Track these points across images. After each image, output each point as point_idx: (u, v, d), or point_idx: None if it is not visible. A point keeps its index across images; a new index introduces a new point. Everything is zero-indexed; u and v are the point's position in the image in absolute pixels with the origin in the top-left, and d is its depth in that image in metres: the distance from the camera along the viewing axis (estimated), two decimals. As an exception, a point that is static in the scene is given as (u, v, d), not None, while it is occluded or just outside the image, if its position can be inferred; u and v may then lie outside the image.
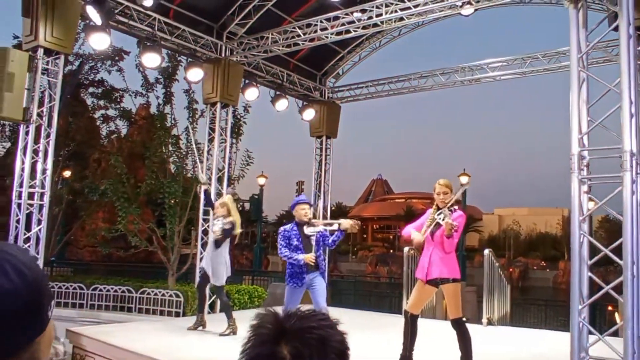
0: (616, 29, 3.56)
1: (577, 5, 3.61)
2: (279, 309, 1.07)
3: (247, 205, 29.57)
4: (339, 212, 64.16)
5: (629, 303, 3.27)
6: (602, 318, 11.45)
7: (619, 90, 3.54)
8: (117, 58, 13.71)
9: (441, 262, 5.08)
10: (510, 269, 44.82)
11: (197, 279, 7.89)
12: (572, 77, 3.65)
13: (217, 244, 7.59)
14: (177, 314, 10.27)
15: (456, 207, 5.08)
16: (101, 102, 14.81)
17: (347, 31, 9.21)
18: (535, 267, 49.44)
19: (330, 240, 6.01)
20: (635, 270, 3.32)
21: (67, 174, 14.54)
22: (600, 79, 3.65)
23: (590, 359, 3.61)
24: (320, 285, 5.96)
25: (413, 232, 5.23)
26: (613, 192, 3.72)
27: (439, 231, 5.00)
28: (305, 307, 1.11)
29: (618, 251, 3.54)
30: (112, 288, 11.00)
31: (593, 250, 3.83)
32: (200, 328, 7.67)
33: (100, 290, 11.02)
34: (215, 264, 7.55)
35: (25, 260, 0.80)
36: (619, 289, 3.52)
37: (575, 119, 3.62)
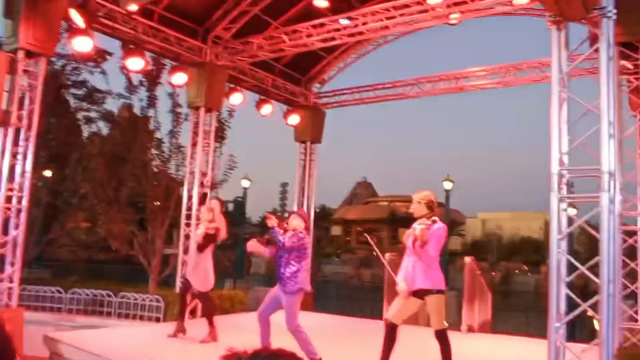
0: (597, 50, 3.62)
1: (559, 26, 3.66)
2: (245, 348, 1.05)
3: (230, 206, 29.47)
4: (323, 214, 64.22)
5: (604, 322, 3.31)
6: (582, 324, 11.59)
7: (598, 112, 3.59)
8: (99, 59, 13.57)
9: (424, 273, 5.09)
10: (493, 273, 45.15)
11: (178, 284, 7.82)
12: (553, 97, 3.69)
13: (200, 248, 7.54)
14: (157, 319, 10.14)
15: (436, 218, 5.12)
16: (83, 104, 14.64)
17: (333, 38, 9.22)
18: (517, 272, 49.86)
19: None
20: (611, 289, 3.37)
21: (47, 173, 14.35)
22: (581, 99, 3.70)
23: (566, 376, 3.66)
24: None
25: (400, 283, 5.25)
26: (594, 208, 3.77)
27: (432, 240, 5.06)
28: (272, 346, 1.09)
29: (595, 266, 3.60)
30: (90, 292, 10.84)
31: (573, 262, 3.89)
32: (181, 335, 7.59)
33: (79, 294, 10.86)
34: (200, 269, 7.50)
35: None
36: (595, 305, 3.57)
37: (555, 138, 3.67)
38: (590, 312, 3.62)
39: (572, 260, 3.70)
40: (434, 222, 5.09)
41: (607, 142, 3.49)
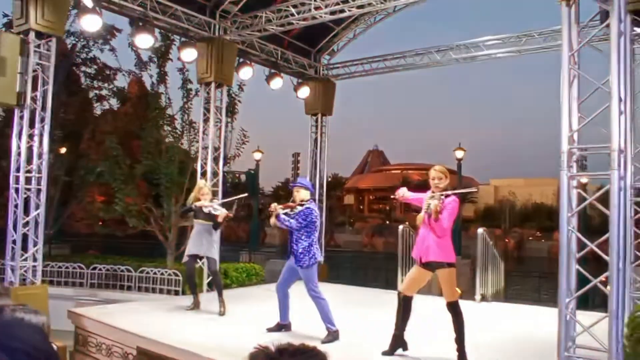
0: (608, 26, 3.58)
1: (569, 3, 3.61)
2: (270, 345, 1.11)
3: (242, 178, 29.64)
4: (335, 183, 64.35)
5: (614, 298, 3.38)
6: (595, 290, 11.68)
7: (608, 89, 3.57)
8: (109, 36, 13.56)
9: (436, 246, 5.18)
10: (506, 239, 45.25)
11: (187, 263, 7.95)
12: (563, 74, 3.68)
13: (218, 228, 7.77)
14: (176, 292, 10.41)
15: (450, 192, 5.16)
16: (94, 83, 14.71)
17: (342, 10, 9.12)
18: (530, 238, 49.88)
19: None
20: (621, 264, 3.43)
21: (62, 150, 14.53)
22: (592, 74, 3.68)
23: (577, 348, 3.75)
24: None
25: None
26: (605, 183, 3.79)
27: (445, 214, 5.13)
28: (296, 342, 1.15)
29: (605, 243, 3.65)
30: (110, 267, 11.13)
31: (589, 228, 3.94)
32: (196, 309, 7.81)
33: (99, 269, 11.15)
34: (209, 246, 7.68)
35: (37, 345, 0.85)
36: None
37: (565, 116, 3.67)
38: (601, 286, 3.69)
39: (582, 238, 3.75)
40: (447, 195, 5.14)
41: (617, 119, 3.49)
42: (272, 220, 6.39)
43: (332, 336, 6.04)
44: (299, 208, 6.30)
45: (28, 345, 0.84)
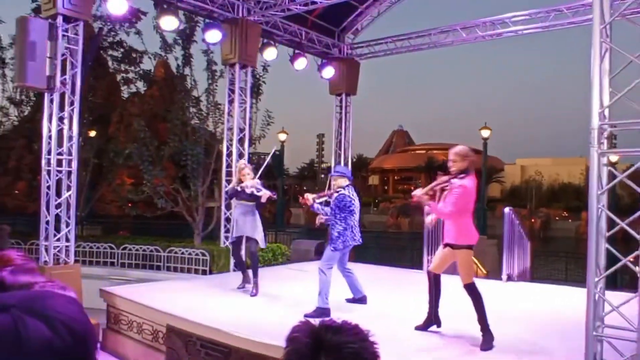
0: (641, -2, 3.47)
1: (601, -26, 3.50)
2: (313, 321, 1.12)
3: (268, 159, 29.79)
4: (360, 163, 64.21)
5: (645, 276, 3.34)
6: (624, 270, 11.48)
7: (642, 63, 3.47)
8: (134, 20, 13.67)
9: (453, 228, 5.22)
10: (532, 220, 44.69)
11: (231, 245, 7.99)
12: (594, 49, 3.58)
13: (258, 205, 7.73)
14: (204, 272, 10.61)
15: (463, 175, 5.08)
16: (121, 66, 14.90)
17: (366, -12, 9.01)
18: (557, 218, 49.17)
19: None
20: (652, 243, 3.37)
21: (92, 134, 14.83)
22: (624, 50, 3.57)
23: (605, 327, 3.72)
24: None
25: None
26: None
27: (444, 198, 5.14)
28: (338, 319, 1.16)
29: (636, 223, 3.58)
30: (140, 247, 11.39)
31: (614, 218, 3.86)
32: (247, 285, 7.83)
33: (130, 249, 11.42)
34: (254, 227, 7.60)
35: (73, 315, 0.84)
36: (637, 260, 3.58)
37: (596, 92, 3.57)
38: (630, 265, 3.64)
39: (613, 216, 3.68)
40: (460, 178, 5.07)
41: (650, 94, 3.40)
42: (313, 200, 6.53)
43: (318, 312, 6.07)
44: (335, 195, 6.36)
45: (64, 315, 0.82)
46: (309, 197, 6.48)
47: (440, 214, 5.30)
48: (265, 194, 7.32)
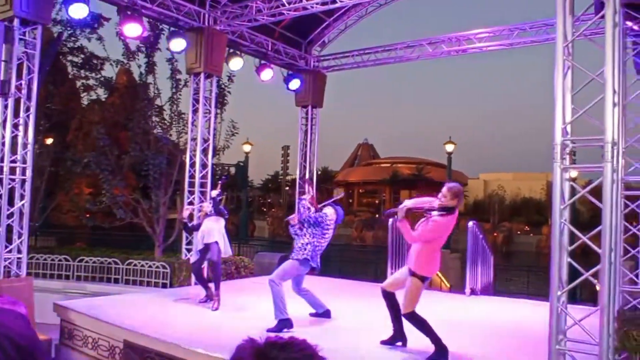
0: (603, 17, 3.54)
1: (564, -8, 3.57)
2: (257, 337, 1.07)
3: (232, 170, 29.52)
4: (325, 176, 64.33)
5: (606, 291, 3.36)
6: (584, 284, 11.73)
7: (602, 80, 3.54)
8: (96, 25, 13.36)
9: (416, 254, 5.20)
10: (495, 234, 45.56)
11: (195, 256, 7.87)
12: (557, 66, 3.64)
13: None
14: (164, 285, 10.32)
15: (445, 213, 5.02)
16: (81, 72, 14.51)
17: (333, 1, 9.03)
18: (519, 232, 50.27)
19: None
20: (612, 257, 3.41)
21: (49, 141, 14.37)
22: (584, 65, 3.64)
23: (568, 341, 3.74)
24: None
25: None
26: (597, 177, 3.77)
27: (420, 223, 5.12)
28: (285, 335, 1.11)
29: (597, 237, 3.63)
30: (97, 259, 11.00)
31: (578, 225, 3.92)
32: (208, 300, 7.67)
33: (86, 261, 11.02)
34: (221, 236, 7.57)
35: (19, 330, 0.81)
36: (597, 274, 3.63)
37: (559, 108, 3.62)
38: (592, 279, 3.68)
39: (575, 230, 3.73)
40: (442, 215, 5.02)
41: (611, 111, 3.45)
42: (295, 216, 6.60)
43: (280, 326, 5.97)
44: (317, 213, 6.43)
45: (10, 330, 0.80)
46: (307, 196, 6.56)
47: (406, 235, 5.21)
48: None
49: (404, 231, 5.20)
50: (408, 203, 5.28)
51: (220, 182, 8.20)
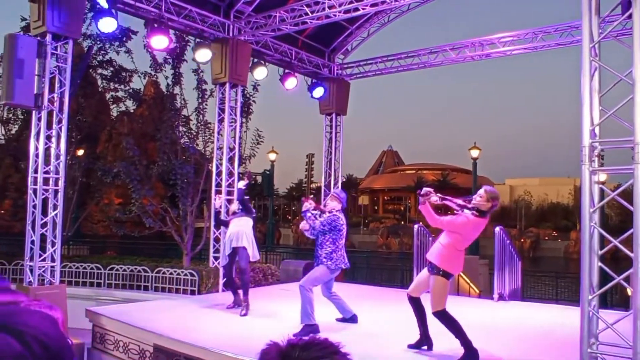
0: (630, 16, 3.50)
1: (589, -7, 3.54)
2: (280, 341, 1.09)
3: (259, 179, 29.74)
4: (350, 183, 64.31)
5: (639, 294, 3.30)
6: (615, 288, 11.46)
7: (631, 81, 3.49)
8: (124, 38, 13.69)
9: (440, 249, 5.11)
10: (522, 240, 44.86)
11: (224, 260, 7.93)
12: (584, 67, 3.60)
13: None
14: (193, 292, 10.45)
15: (477, 214, 4.95)
16: (110, 85, 14.88)
17: (356, 9, 9.09)
18: (546, 238, 49.39)
19: None
20: (645, 260, 3.35)
21: (80, 152, 14.73)
22: (612, 66, 3.60)
23: (600, 345, 3.68)
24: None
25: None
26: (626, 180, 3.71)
27: (447, 217, 5.07)
28: (305, 336, 1.14)
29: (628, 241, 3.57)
30: (127, 268, 11.20)
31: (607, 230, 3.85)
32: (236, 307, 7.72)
33: (117, 270, 11.24)
34: (250, 241, 7.58)
35: (46, 330, 0.85)
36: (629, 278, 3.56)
37: (586, 110, 3.58)
38: (624, 284, 3.62)
39: (605, 234, 3.67)
40: (474, 215, 4.95)
41: (640, 112, 3.40)
42: (302, 224, 6.51)
43: (306, 330, 6.00)
44: (326, 215, 6.40)
45: (37, 330, 0.83)
46: (310, 203, 6.53)
47: (429, 218, 5.09)
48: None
49: (428, 215, 5.04)
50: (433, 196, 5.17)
51: (246, 175, 8.30)
